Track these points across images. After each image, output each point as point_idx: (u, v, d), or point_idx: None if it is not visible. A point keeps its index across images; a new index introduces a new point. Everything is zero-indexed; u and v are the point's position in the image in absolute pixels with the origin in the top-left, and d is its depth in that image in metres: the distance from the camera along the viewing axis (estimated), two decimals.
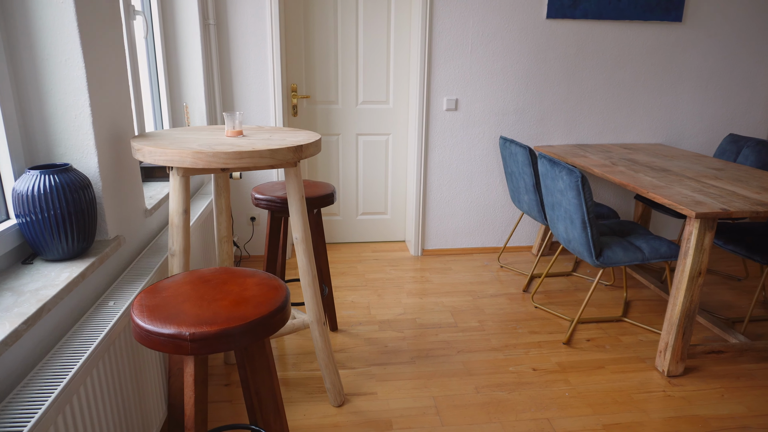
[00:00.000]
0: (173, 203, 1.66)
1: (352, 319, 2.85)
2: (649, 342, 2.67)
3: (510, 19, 3.41)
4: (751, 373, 2.42)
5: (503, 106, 3.56)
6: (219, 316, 1.19)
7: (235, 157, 1.54)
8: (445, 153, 3.60)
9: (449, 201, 3.71)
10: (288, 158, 1.64)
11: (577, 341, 2.67)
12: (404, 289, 3.23)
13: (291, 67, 3.54)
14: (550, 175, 2.59)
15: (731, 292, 3.24)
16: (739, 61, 3.72)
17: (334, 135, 3.72)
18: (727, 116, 3.83)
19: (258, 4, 3.20)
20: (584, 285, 3.32)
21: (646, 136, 3.79)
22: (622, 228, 2.85)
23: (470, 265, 3.61)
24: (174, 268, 1.70)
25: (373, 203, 3.90)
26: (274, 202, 2.26)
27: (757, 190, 2.46)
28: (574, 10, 3.43)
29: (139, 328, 1.17)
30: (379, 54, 3.60)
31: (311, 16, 3.47)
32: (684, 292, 2.29)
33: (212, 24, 3.14)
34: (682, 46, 3.63)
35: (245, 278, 1.39)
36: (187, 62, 3.01)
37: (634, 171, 2.81)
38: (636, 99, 3.69)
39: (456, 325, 2.81)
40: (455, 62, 3.44)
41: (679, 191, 2.42)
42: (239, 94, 3.35)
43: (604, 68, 3.59)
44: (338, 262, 3.62)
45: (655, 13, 3.51)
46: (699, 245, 2.23)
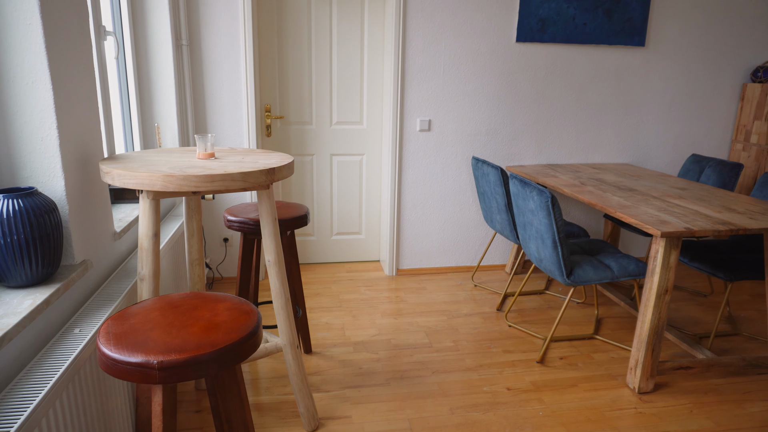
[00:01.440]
0: (143, 227, 1.64)
1: (327, 341, 2.83)
2: (620, 359, 2.71)
3: (481, 43, 3.49)
4: (718, 388, 2.47)
5: (475, 126, 3.62)
6: (188, 343, 1.17)
7: (206, 181, 1.53)
8: (418, 173, 3.63)
9: (423, 221, 3.73)
10: (260, 181, 1.63)
11: (550, 359, 2.69)
12: (379, 309, 3.22)
13: (265, 88, 3.55)
14: (521, 195, 2.63)
15: (698, 308, 3.32)
16: (699, 84, 3.87)
17: (309, 155, 3.72)
18: (689, 137, 3.97)
19: (231, 25, 3.21)
20: (557, 303, 3.36)
21: (613, 156, 3.89)
22: (591, 246, 2.90)
23: (445, 284, 3.62)
24: (143, 293, 1.67)
25: (347, 223, 3.90)
26: (247, 224, 2.24)
27: (718, 209, 2.54)
28: (542, 34, 3.53)
29: (105, 357, 1.14)
30: (353, 75, 3.63)
31: (285, 37, 3.49)
32: (652, 310, 2.34)
33: (185, 44, 3.13)
34: (645, 70, 3.76)
35: (216, 303, 1.37)
36: (159, 83, 2.99)
37: (602, 191, 2.88)
38: (603, 120, 3.80)
39: (431, 346, 2.80)
40: (428, 84, 3.49)
41: (645, 211, 2.48)
42: (212, 114, 3.33)
43: (572, 90, 3.69)
44: (313, 283, 3.60)
45: (619, 38, 3.63)
46: (665, 263, 2.29)
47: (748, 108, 3.88)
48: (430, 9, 3.37)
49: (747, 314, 3.25)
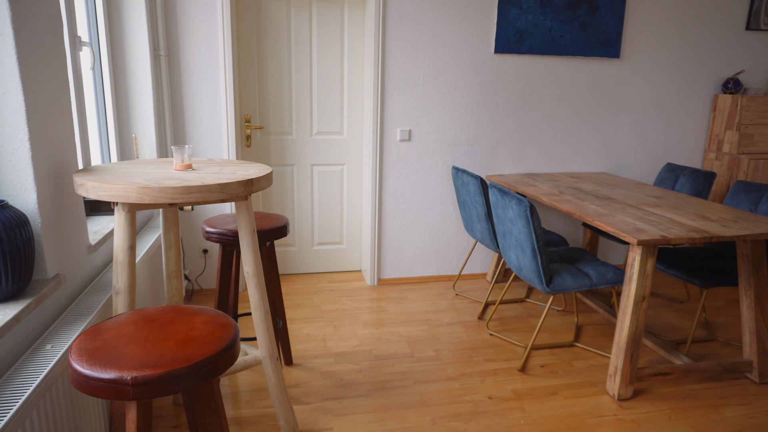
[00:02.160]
0: (118, 239, 1.61)
1: (308, 352, 2.80)
2: (600, 366, 2.73)
3: (460, 54, 3.53)
4: (695, 393, 2.50)
5: (455, 136, 3.65)
6: (163, 358, 1.15)
7: (183, 192, 1.52)
8: (399, 183, 3.65)
9: (404, 230, 3.74)
10: (238, 192, 1.62)
11: (531, 368, 2.71)
12: (360, 319, 3.21)
13: (244, 98, 3.53)
14: (500, 205, 2.65)
15: (675, 314, 3.37)
16: (673, 95, 3.96)
17: (289, 165, 3.71)
18: (664, 146, 4.05)
19: (210, 36, 3.20)
20: (537, 311, 3.38)
21: (591, 165, 3.95)
22: (570, 255, 2.93)
23: (426, 293, 3.63)
24: (118, 307, 1.64)
25: (328, 233, 3.89)
26: (226, 235, 2.22)
27: (692, 217, 2.59)
28: (520, 46, 3.58)
29: (77, 374, 1.11)
30: (333, 85, 3.64)
31: (265, 48, 3.49)
32: (630, 317, 2.37)
33: (163, 55, 3.11)
34: (621, 81, 3.84)
35: (193, 316, 1.35)
36: (137, 93, 2.96)
37: (580, 200, 2.92)
38: (580, 130, 3.86)
39: (412, 355, 2.80)
40: (408, 94, 3.51)
41: (622, 219, 2.52)
42: (191, 125, 3.30)
43: (549, 101, 3.75)
44: (294, 294, 3.57)
45: (595, 50, 3.70)
46: (642, 271, 2.32)
47: (719, 118, 3.98)
48: (409, 20, 3.40)
49: (722, 320, 3.31)
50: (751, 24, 3.94)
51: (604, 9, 3.64)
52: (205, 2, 3.15)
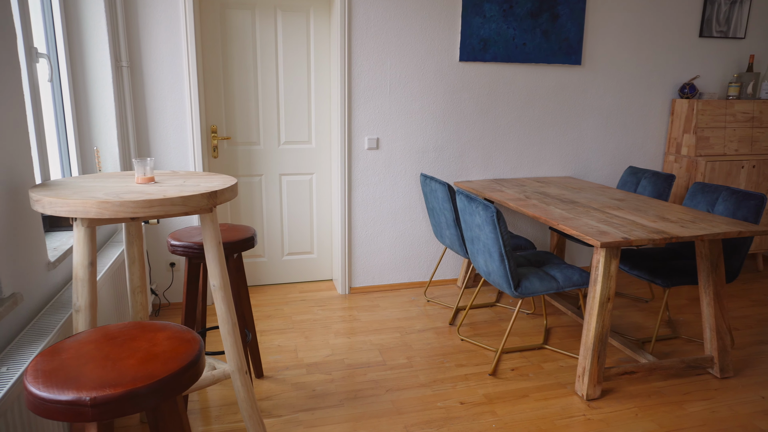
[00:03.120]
0: (77, 256, 1.57)
1: (279, 364, 2.78)
2: (568, 367, 2.78)
3: (425, 62, 3.56)
4: (661, 390, 2.57)
5: (423, 144, 3.68)
6: (124, 377, 1.12)
7: (144, 206, 1.49)
8: (368, 191, 3.65)
9: (375, 238, 3.74)
10: (202, 205, 1.60)
11: (502, 371, 2.73)
12: (332, 329, 3.19)
13: (210, 109, 3.50)
14: (467, 211, 2.68)
15: (640, 314, 3.45)
16: (633, 100, 4.08)
17: (257, 176, 3.68)
18: (626, 150, 4.16)
19: (174, 46, 3.16)
20: (507, 315, 3.42)
21: (556, 169, 4.03)
22: (538, 258, 2.98)
23: (398, 300, 3.63)
24: (79, 325, 1.59)
25: (298, 243, 3.87)
26: (192, 248, 2.19)
27: (653, 218, 2.67)
28: (484, 54, 3.64)
29: (32, 397, 1.08)
30: (300, 95, 3.64)
31: (230, 57, 3.46)
32: (596, 318, 2.42)
33: (125, 66, 3.06)
34: (583, 87, 3.93)
35: (156, 332, 1.33)
36: (99, 105, 2.90)
37: (545, 204, 2.98)
38: (545, 135, 3.93)
39: (384, 363, 2.80)
40: (375, 102, 3.53)
41: (586, 222, 2.58)
42: (156, 136, 3.25)
43: (514, 107, 3.82)
44: (264, 305, 3.53)
45: (557, 57, 3.79)
46: (606, 272, 2.38)
47: (677, 122, 4.11)
48: (374, 30, 3.43)
49: (685, 317, 3.40)
50: (704, 32, 4.09)
51: (564, 17, 3.74)
52: (167, 13, 3.11)
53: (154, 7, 3.09)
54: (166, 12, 3.11)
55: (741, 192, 2.88)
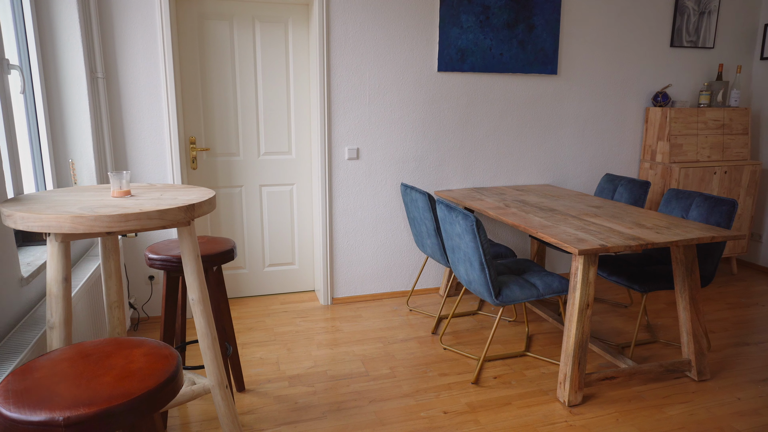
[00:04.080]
0: (51, 271, 1.54)
1: (261, 377, 2.75)
2: (550, 374, 2.80)
3: (404, 72, 3.59)
4: (641, 395, 2.60)
5: (403, 153, 3.70)
6: (99, 395, 1.10)
7: (119, 220, 1.47)
8: (349, 201, 3.65)
9: (356, 248, 3.74)
10: (179, 218, 1.59)
11: (484, 380, 2.74)
12: (314, 340, 3.17)
13: (189, 120, 3.47)
14: (448, 220, 2.70)
15: (619, 319, 3.50)
16: (608, 109, 4.15)
17: (237, 187, 3.65)
18: (603, 157, 4.23)
19: (151, 57, 3.13)
20: (489, 323, 3.44)
21: (535, 177, 4.07)
22: (518, 266, 3.01)
23: (380, 310, 3.63)
24: (53, 342, 1.56)
25: (280, 254, 3.84)
26: (170, 261, 2.16)
27: (630, 225, 2.71)
28: (462, 64, 3.68)
29: (3, 419, 1.05)
30: (280, 105, 3.63)
31: (208, 68, 3.44)
32: (576, 324, 2.44)
33: (101, 77, 3.02)
34: (559, 96, 4.00)
35: (132, 349, 1.30)
36: (74, 118, 2.86)
37: (524, 212, 3.01)
38: (524, 144, 3.98)
39: (367, 374, 2.78)
40: (355, 113, 3.54)
41: (564, 230, 2.61)
42: (133, 148, 3.21)
43: (493, 116, 3.86)
44: (245, 317, 3.50)
45: (534, 67, 3.85)
46: (585, 279, 2.40)
47: (652, 130, 4.20)
48: (353, 40, 3.45)
49: (663, 322, 3.46)
50: (675, 41, 4.19)
51: (540, 28, 3.80)
52: (144, 24, 3.09)
53: (131, 18, 3.07)
54: (143, 23, 3.09)
55: (714, 198, 2.94)
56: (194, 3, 3.34)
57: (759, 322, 3.45)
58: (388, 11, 3.48)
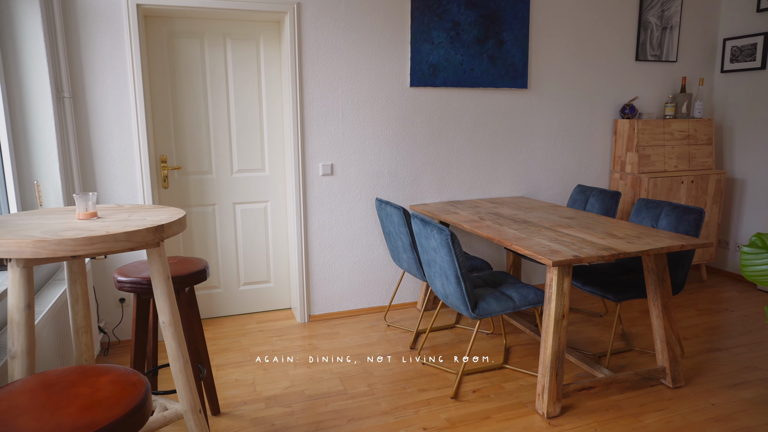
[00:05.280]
0: (12, 298, 1.48)
1: (236, 399, 2.68)
2: (529, 386, 2.80)
3: (376, 88, 3.61)
4: (618, 404, 2.61)
5: (377, 168, 3.70)
6: (62, 428, 1.05)
7: (84, 244, 1.43)
8: (324, 217, 3.63)
9: (332, 264, 3.71)
10: (147, 240, 1.55)
11: (463, 394, 2.73)
12: (291, 359, 3.12)
13: (160, 138, 3.42)
14: (423, 234, 2.70)
15: (595, 328, 3.53)
16: (578, 121, 4.23)
17: (210, 205, 3.60)
18: (574, 169, 4.30)
19: (119, 75, 3.09)
20: (467, 336, 3.44)
21: (509, 190, 4.12)
22: (494, 279, 3.02)
23: (358, 327, 3.60)
24: (15, 373, 1.50)
25: (255, 272, 3.79)
26: (140, 284, 2.11)
27: (602, 235, 2.75)
28: (434, 79, 3.72)
29: None
30: (253, 122, 3.61)
31: (179, 87, 3.41)
32: (552, 335, 2.45)
33: (67, 97, 2.96)
34: (530, 110, 4.06)
35: (98, 377, 1.26)
36: (39, 138, 2.79)
37: (499, 225, 3.03)
38: (497, 157, 4.03)
39: (345, 392, 2.75)
40: (328, 129, 3.54)
41: (538, 242, 2.63)
42: (102, 168, 3.15)
43: (466, 130, 3.90)
44: (220, 338, 3.43)
45: (504, 82, 3.91)
46: (559, 290, 2.42)
47: (620, 141, 4.29)
48: (325, 57, 3.45)
49: (638, 330, 3.50)
50: (640, 55, 4.31)
51: (509, 43, 3.87)
52: (112, 42, 3.05)
53: (99, 37, 3.02)
54: (111, 41, 3.04)
55: (682, 207, 3.01)
56: (164, 21, 3.32)
57: (729, 327, 3.52)
58: (360, 28, 3.51)
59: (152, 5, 3.08)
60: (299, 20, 3.36)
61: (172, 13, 3.25)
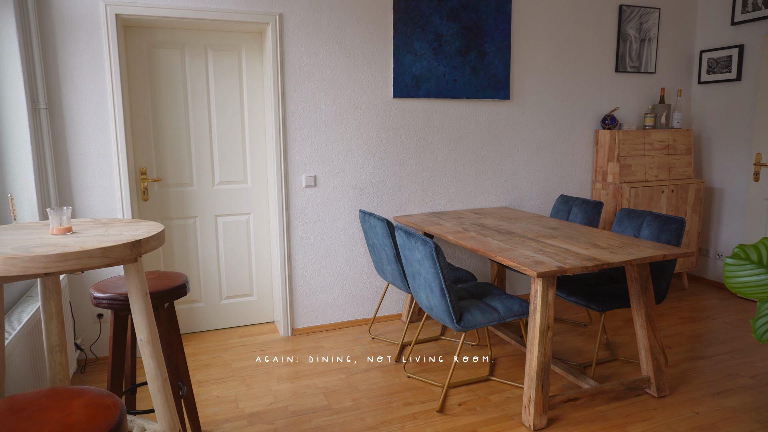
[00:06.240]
0: None
1: (218, 417, 2.62)
2: (515, 398, 2.78)
3: (360, 99, 3.60)
4: (604, 414, 2.61)
5: (361, 180, 3.68)
6: None
7: (58, 260, 1.38)
8: (307, 229, 3.59)
9: (316, 276, 3.67)
10: (124, 256, 1.51)
11: (449, 407, 2.70)
12: (274, 374, 3.07)
13: (139, 150, 3.36)
14: (407, 246, 2.68)
15: (580, 338, 3.53)
16: (560, 132, 4.27)
17: (191, 218, 3.55)
18: (557, 179, 4.33)
19: (98, 86, 3.03)
20: (453, 348, 3.41)
21: (493, 200, 4.12)
22: (479, 290, 3.00)
23: (342, 340, 3.55)
24: None
25: (237, 286, 3.73)
26: (118, 300, 2.05)
27: (585, 246, 2.76)
28: (417, 90, 3.72)
29: None
30: (235, 134, 3.57)
31: (159, 97, 3.36)
32: (537, 347, 2.44)
33: (43, 108, 2.90)
34: (513, 120, 4.08)
35: (70, 400, 1.21)
36: (13, 150, 2.72)
37: (483, 236, 3.02)
38: (480, 167, 4.03)
39: (330, 408, 2.70)
40: (311, 140, 3.51)
41: (522, 253, 2.63)
42: (79, 181, 3.08)
43: (449, 141, 3.90)
44: (202, 353, 3.36)
45: (487, 93, 3.93)
46: (544, 301, 2.42)
47: (602, 151, 4.33)
48: (308, 68, 3.44)
49: (622, 339, 3.51)
50: (619, 67, 4.37)
51: (491, 55, 3.89)
52: (90, 52, 3.00)
53: (76, 47, 2.97)
54: (90, 51, 2.99)
55: (663, 216, 3.03)
56: (144, 32, 3.27)
57: (711, 335, 3.55)
58: (343, 39, 3.50)
59: (132, 15, 3.04)
60: (281, 31, 3.34)
61: (152, 23, 3.21)
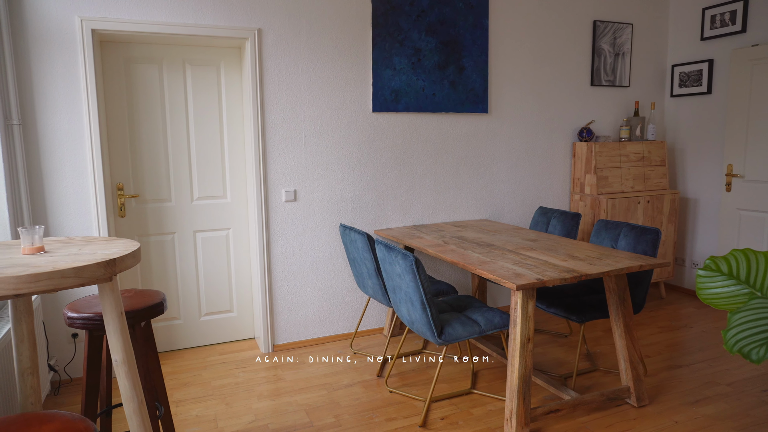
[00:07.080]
0: None
1: None
2: (497, 411, 2.78)
3: (340, 113, 3.61)
4: (585, 425, 2.62)
5: (341, 194, 3.68)
6: None
7: (29, 281, 1.35)
8: (287, 244, 3.57)
9: (297, 291, 3.64)
10: (98, 275, 1.48)
11: (432, 422, 2.69)
12: (255, 392, 3.02)
13: (116, 166, 3.32)
14: (387, 260, 2.68)
15: (561, 349, 3.56)
16: (538, 145, 4.33)
17: (169, 234, 3.50)
18: (535, 191, 4.38)
19: (73, 102, 2.99)
20: (435, 361, 3.40)
21: (472, 213, 4.15)
22: (459, 303, 3.01)
23: (324, 355, 3.52)
24: None
25: (217, 302, 3.68)
26: (92, 320, 2.01)
27: (564, 257, 2.79)
28: (396, 104, 3.75)
29: None
30: (213, 149, 3.54)
31: (136, 113, 3.33)
32: (518, 359, 2.45)
33: (16, 124, 2.85)
34: (491, 134, 4.13)
35: (41, 426, 1.18)
36: None
37: (463, 249, 3.04)
38: (460, 180, 4.06)
39: (311, 425, 2.67)
40: (291, 154, 3.51)
41: (502, 265, 2.65)
42: (53, 198, 3.02)
43: (429, 154, 3.93)
44: (180, 372, 3.30)
45: (465, 106, 3.97)
46: (524, 313, 2.43)
47: (579, 163, 4.40)
48: (287, 83, 3.44)
49: (602, 349, 3.54)
50: (595, 80, 4.46)
51: (469, 69, 3.94)
52: (66, 67, 2.96)
53: (51, 62, 2.93)
54: (65, 66, 2.96)
55: (639, 227, 3.08)
56: (121, 47, 3.25)
57: (688, 343, 3.61)
58: (322, 53, 3.52)
59: (108, 30, 3.01)
60: (260, 46, 3.35)
61: (129, 38, 3.18)
